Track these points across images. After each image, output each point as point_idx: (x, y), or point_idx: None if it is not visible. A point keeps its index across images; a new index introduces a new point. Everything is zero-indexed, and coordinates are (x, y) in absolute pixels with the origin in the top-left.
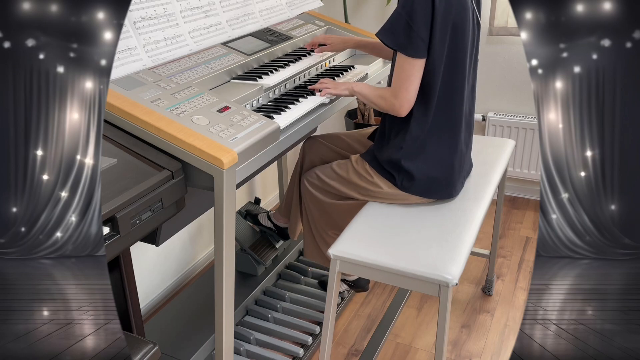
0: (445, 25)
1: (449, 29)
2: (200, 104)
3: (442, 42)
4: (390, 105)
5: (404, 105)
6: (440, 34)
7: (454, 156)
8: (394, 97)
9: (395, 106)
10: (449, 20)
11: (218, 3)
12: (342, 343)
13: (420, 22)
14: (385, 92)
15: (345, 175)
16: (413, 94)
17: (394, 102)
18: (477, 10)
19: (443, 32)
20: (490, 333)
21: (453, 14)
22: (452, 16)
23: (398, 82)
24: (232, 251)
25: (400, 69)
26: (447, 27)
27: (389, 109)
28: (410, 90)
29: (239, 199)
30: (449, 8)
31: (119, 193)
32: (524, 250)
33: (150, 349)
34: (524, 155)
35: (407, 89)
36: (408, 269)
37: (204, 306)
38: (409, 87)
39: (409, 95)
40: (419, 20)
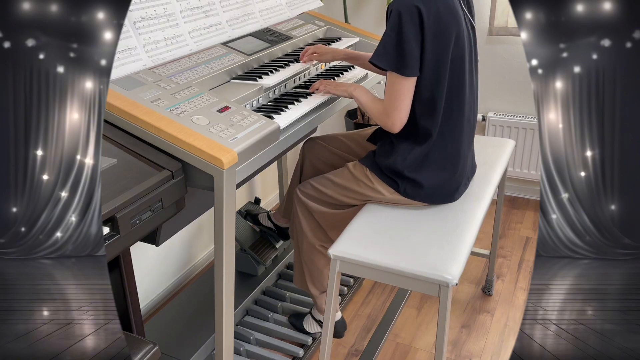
0: (437, 39)
1: (451, 40)
2: (200, 104)
3: (439, 56)
4: (383, 123)
5: (396, 123)
6: (435, 49)
7: (457, 162)
8: (387, 117)
9: (387, 124)
10: (443, 33)
11: (218, 3)
12: (342, 343)
13: (411, 40)
14: (379, 107)
15: (342, 182)
16: (404, 113)
17: (387, 120)
18: (468, 13)
19: (439, 46)
20: (490, 333)
21: (446, 25)
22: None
23: (390, 102)
24: (232, 251)
25: (391, 88)
26: (446, 40)
27: (382, 126)
28: (402, 109)
29: (239, 199)
30: (439, 21)
31: (119, 193)
32: (524, 250)
33: (150, 349)
34: (524, 155)
35: (398, 108)
36: (408, 269)
37: (204, 306)
38: (400, 105)
39: (400, 114)
40: (409, 39)
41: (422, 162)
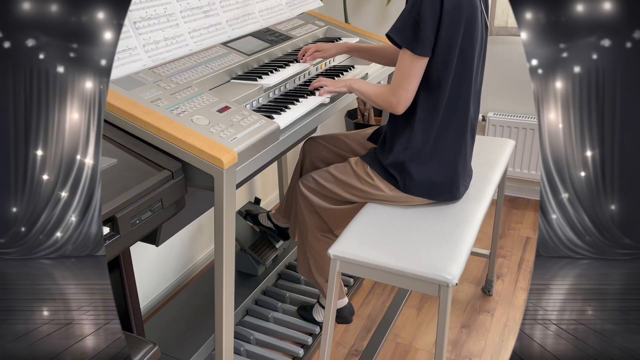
0: (454, 24)
1: (460, 28)
2: (200, 104)
3: (451, 41)
4: (387, 103)
5: (400, 103)
6: (449, 34)
7: (458, 158)
8: (392, 94)
9: (392, 103)
10: (460, 20)
11: (218, 3)
12: (342, 343)
13: (428, 21)
14: (383, 89)
15: (344, 178)
16: (411, 93)
17: (392, 99)
18: (485, 12)
19: (452, 31)
20: (490, 333)
21: (464, 14)
22: (462, 16)
23: (397, 80)
24: (232, 251)
25: (401, 66)
26: (457, 27)
27: (386, 106)
28: (409, 89)
29: (239, 199)
30: (459, 8)
31: (119, 193)
32: (524, 250)
33: (150, 349)
34: (524, 155)
35: (405, 88)
36: (408, 269)
37: (204, 306)
38: (408, 85)
39: (407, 94)
40: (427, 19)
41: (423, 152)
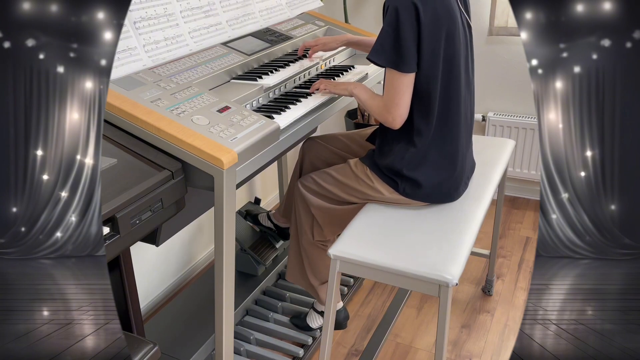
0: (434, 36)
1: (441, 38)
2: (200, 104)
3: (434, 52)
4: (384, 119)
5: (396, 119)
6: (430, 45)
7: (456, 161)
8: (387, 112)
9: (388, 120)
10: (440, 31)
11: (218, 3)
12: (342, 343)
13: (408, 37)
14: (380, 103)
15: (343, 179)
16: (404, 109)
17: (387, 116)
18: (465, 12)
19: (434, 43)
20: (490, 333)
21: (443, 24)
22: (442, 26)
23: (389, 98)
24: (232, 251)
25: (390, 85)
26: (437, 38)
27: (383, 122)
28: (402, 105)
29: (239, 199)
30: (437, 19)
31: (119, 193)
32: (524, 250)
33: (150, 349)
34: (524, 155)
35: (398, 104)
36: (408, 269)
37: (204, 306)
38: (400, 101)
39: (400, 110)
40: (406, 35)
41: (420, 161)
